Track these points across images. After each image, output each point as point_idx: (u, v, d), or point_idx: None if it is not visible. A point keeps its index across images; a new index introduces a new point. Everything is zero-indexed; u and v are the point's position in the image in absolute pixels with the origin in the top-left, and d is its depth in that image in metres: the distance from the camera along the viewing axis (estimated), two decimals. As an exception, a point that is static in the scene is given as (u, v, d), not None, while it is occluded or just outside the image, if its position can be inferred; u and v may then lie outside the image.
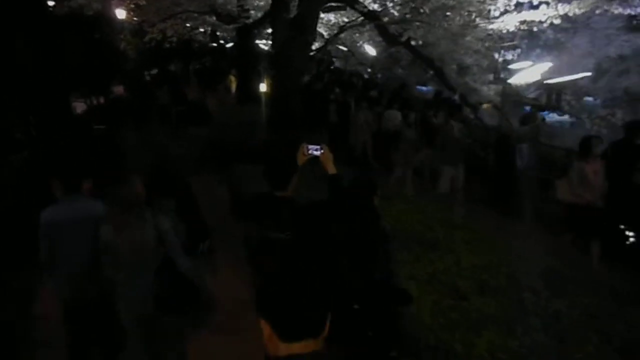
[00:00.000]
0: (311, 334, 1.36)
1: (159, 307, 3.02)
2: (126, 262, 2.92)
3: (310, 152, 3.11)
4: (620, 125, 7.05)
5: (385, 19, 7.62)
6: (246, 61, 13.47)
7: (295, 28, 6.42)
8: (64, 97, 11.98)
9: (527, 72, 8.22)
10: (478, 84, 8.67)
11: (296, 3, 6.70)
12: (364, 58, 13.69)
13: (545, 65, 8.22)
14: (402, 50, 10.22)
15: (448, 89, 9.38)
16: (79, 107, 13.86)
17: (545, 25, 6.95)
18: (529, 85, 9.65)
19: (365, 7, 7.47)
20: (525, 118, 7.50)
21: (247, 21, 13.20)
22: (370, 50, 12.20)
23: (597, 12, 6.63)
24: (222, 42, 22.62)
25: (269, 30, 15.12)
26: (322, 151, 3.12)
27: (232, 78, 18.79)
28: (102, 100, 14.89)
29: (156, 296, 3.00)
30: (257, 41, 16.14)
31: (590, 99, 10.86)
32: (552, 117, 11.75)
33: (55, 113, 9.80)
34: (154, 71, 20.07)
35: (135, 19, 16.66)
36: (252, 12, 13.58)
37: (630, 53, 9.69)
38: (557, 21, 6.55)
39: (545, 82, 9.69)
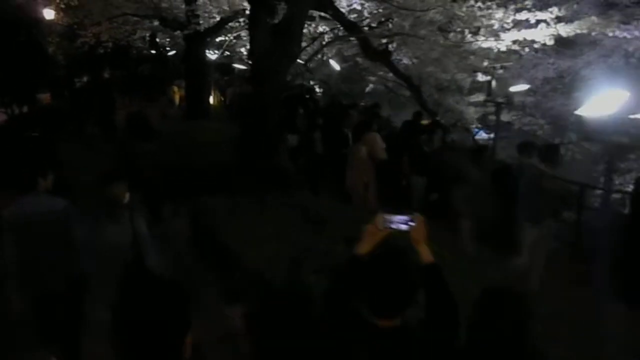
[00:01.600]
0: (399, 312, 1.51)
1: None
2: (102, 259, 3.00)
3: (392, 225, 1.94)
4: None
5: (366, 30, 7.02)
6: (195, 71, 12.38)
7: (278, 35, 5.61)
8: None
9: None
10: (461, 105, 8.34)
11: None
12: (324, 74, 13.05)
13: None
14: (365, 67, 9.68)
15: (424, 110, 8.95)
16: (-1, 116, 12.28)
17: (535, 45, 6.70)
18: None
19: (346, 17, 6.83)
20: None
21: (197, 27, 12.15)
22: (335, 66, 11.58)
23: (593, 34, 6.49)
24: (162, 49, 21.13)
25: (219, 39, 14.27)
26: (412, 224, 1.95)
27: (175, 89, 17.58)
28: (25, 109, 13.32)
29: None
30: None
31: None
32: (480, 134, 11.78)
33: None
34: (85, 78, 18.36)
35: (65, 20, 15.18)
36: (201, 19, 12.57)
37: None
38: (550, 42, 6.32)
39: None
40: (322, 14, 7.09)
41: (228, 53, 14.62)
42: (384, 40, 7.99)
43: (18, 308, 3.20)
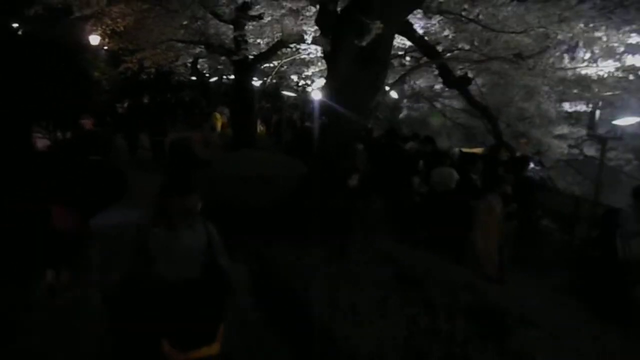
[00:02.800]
0: (205, 343, 1.46)
1: None
2: (178, 263, 3.20)
3: None
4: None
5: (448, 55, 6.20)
6: (243, 98, 11.82)
7: (363, 62, 4.82)
8: (24, 129, 10.19)
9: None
10: (547, 137, 7.38)
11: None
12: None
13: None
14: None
15: (500, 143, 7.99)
16: (41, 142, 11.93)
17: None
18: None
19: (426, 41, 6.04)
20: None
21: (247, 54, 11.65)
22: (393, 94, 10.78)
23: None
24: (203, 75, 20.98)
25: (266, 65, 13.78)
26: None
27: (218, 115, 17.19)
28: (68, 135, 13.05)
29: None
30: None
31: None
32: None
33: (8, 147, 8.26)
34: (126, 104, 18.28)
35: (110, 46, 15.11)
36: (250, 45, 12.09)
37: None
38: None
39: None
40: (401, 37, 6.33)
41: (275, 80, 14.06)
42: (460, 66, 7.16)
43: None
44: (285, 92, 15.39)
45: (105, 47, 15.68)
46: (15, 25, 12.84)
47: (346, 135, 5.30)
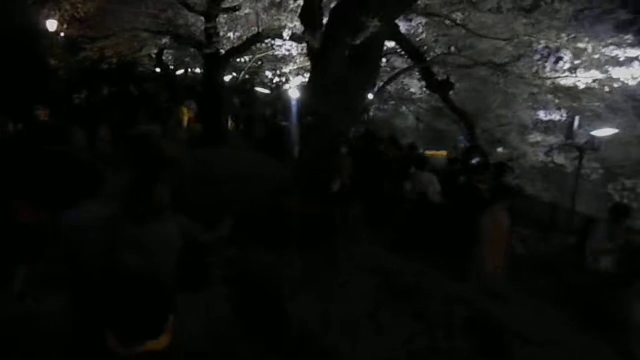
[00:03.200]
0: (149, 337, 1.40)
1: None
2: (148, 257, 3.10)
3: None
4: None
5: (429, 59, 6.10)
6: (214, 94, 11.39)
7: (355, 59, 4.61)
8: None
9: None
10: (524, 145, 7.43)
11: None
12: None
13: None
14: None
15: (472, 144, 8.01)
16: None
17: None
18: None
19: (412, 44, 5.92)
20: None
21: (219, 47, 11.22)
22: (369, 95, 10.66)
23: None
24: (168, 68, 20.24)
25: (239, 60, 13.35)
26: None
27: (185, 110, 16.55)
28: (20, 126, 12.21)
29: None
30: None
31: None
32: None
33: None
34: (84, 94, 17.34)
35: (67, 33, 14.33)
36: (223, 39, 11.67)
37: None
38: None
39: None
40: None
41: (247, 76, 13.66)
42: (442, 70, 7.08)
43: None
44: (258, 89, 15.02)
45: (63, 34, 14.84)
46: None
47: (333, 137, 5.09)
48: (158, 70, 20.46)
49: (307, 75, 10.74)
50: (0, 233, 4.18)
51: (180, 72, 20.46)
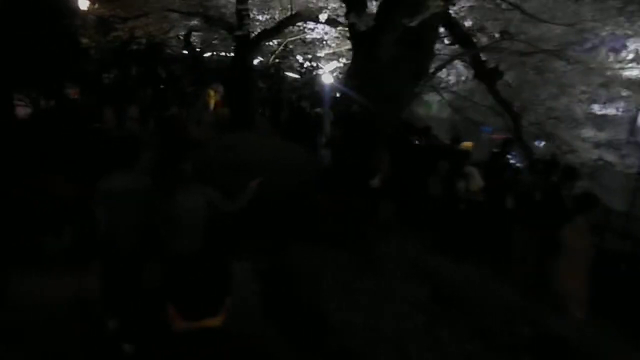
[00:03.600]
0: (208, 315, 1.49)
1: None
2: (179, 224, 3.52)
3: None
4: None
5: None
6: (243, 77, 11.06)
7: (407, 44, 4.21)
8: (3, 95, 9.41)
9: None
10: (576, 139, 6.91)
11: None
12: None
13: None
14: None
15: (519, 143, 7.51)
16: (22, 110, 11.12)
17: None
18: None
19: (462, 29, 5.46)
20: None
21: (250, 30, 10.87)
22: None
23: None
24: (196, 50, 19.99)
25: (268, 44, 12.98)
26: None
27: (211, 93, 16.33)
28: (52, 103, 12.19)
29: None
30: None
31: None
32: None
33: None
34: (113, 74, 17.27)
35: (98, 12, 14.20)
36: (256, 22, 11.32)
37: None
38: None
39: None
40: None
41: (277, 60, 13.27)
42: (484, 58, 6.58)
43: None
44: (287, 73, 14.61)
45: (94, 14, 14.72)
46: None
47: (378, 128, 4.71)
48: (185, 52, 20.25)
49: (342, 60, 10.32)
50: (34, 205, 4.49)
51: (208, 54, 20.19)
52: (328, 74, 11.10)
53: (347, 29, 9.74)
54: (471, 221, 5.35)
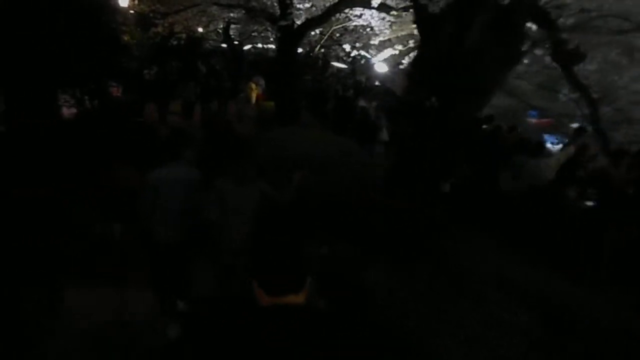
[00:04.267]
0: (292, 291, 1.53)
1: None
2: (234, 213, 3.71)
3: None
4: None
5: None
6: (289, 69, 10.67)
7: (497, 26, 3.63)
8: (49, 96, 9.34)
9: None
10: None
11: None
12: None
13: None
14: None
15: (596, 130, 6.78)
16: (67, 111, 11.11)
17: None
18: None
19: (545, 9, 4.79)
20: None
21: (293, 19, 10.44)
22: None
23: None
24: (235, 43, 19.73)
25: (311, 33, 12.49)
26: None
27: (253, 86, 16.02)
28: (95, 103, 12.19)
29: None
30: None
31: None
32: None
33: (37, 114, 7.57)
34: (154, 70, 17.24)
35: (138, 8, 14.13)
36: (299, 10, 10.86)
37: None
38: None
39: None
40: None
41: (322, 50, 12.78)
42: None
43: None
44: (333, 63, 14.09)
45: (134, 10, 14.69)
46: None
47: (455, 123, 4.14)
48: (224, 45, 20.03)
49: (398, 47, 9.72)
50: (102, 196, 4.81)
51: (247, 47, 19.91)
52: (381, 62, 10.52)
53: (399, 13, 9.20)
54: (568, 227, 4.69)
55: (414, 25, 6.88)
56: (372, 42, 10.38)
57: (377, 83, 12.02)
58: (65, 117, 10.37)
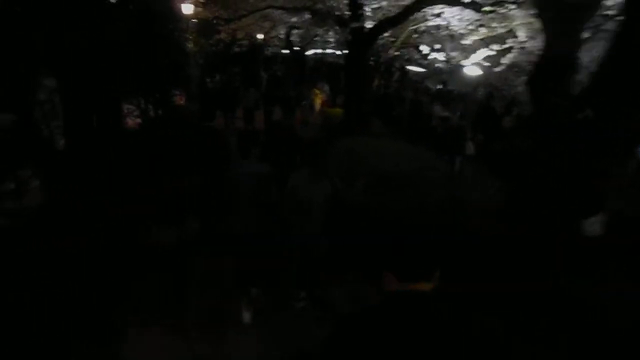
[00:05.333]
0: (424, 279, 1.55)
1: None
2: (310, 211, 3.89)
3: None
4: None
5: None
6: (358, 76, 9.89)
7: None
8: (115, 104, 9.08)
9: None
10: None
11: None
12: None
13: None
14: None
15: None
16: (132, 120, 10.93)
17: None
18: None
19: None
20: None
21: (364, 21, 9.65)
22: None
23: None
24: (297, 48, 19.27)
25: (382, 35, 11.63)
26: None
27: (317, 92, 15.42)
28: (160, 112, 12.03)
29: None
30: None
31: None
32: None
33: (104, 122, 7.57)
34: (217, 77, 17.09)
35: (201, 15, 13.90)
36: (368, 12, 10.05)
37: None
38: None
39: None
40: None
41: (397, 53, 11.89)
42: None
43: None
44: (409, 67, 13.17)
45: (195, 19, 14.51)
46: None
47: (624, 145, 3.13)
48: (286, 51, 19.63)
49: (494, 47, 8.62)
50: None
51: (309, 52, 19.40)
52: (473, 65, 9.44)
53: (492, 8, 8.11)
54: None
55: (516, 22, 5.87)
56: (464, 41, 9.35)
57: (460, 89, 10.96)
58: (130, 127, 10.19)
